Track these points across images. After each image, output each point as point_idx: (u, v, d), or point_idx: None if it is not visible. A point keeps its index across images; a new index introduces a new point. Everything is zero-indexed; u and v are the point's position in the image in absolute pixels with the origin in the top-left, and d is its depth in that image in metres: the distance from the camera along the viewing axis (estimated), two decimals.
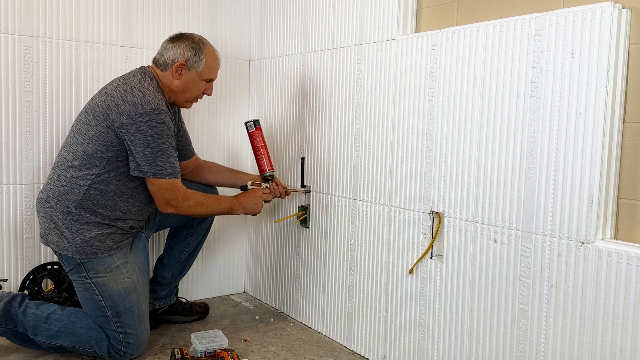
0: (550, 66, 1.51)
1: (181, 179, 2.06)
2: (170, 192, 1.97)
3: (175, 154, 1.99)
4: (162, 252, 2.43)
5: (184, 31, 2.12)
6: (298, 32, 2.45)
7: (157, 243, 2.58)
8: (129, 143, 1.90)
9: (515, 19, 1.59)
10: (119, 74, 2.40)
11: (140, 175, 1.94)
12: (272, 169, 2.32)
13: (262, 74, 2.70)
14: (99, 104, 1.95)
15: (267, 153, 2.32)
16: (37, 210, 2.03)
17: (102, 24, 2.38)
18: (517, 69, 1.59)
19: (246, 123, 2.32)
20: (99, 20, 2.37)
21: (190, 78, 2.05)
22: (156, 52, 2.10)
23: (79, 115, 2.03)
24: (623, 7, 1.43)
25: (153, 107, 1.90)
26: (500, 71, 1.63)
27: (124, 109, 1.89)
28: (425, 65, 1.85)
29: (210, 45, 2.09)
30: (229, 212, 2.15)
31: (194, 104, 2.17)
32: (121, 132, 1.90)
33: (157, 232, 2.52)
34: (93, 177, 1.93)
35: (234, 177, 2.38)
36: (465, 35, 1.72)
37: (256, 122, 2.31)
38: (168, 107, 2.02)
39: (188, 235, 2.37)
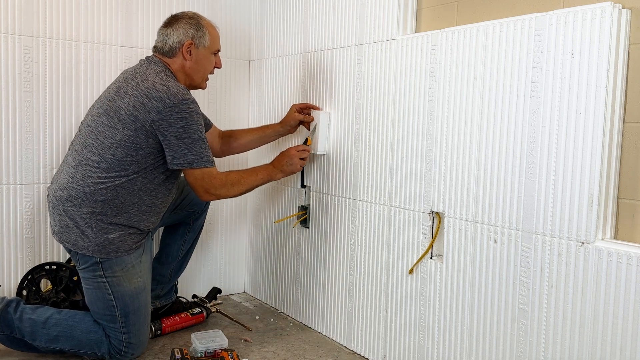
0: (550, 66, 1.51)
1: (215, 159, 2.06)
2: (207, 180, 1.96)
3: (207, 143, 1.97)
4: (157, 251, 2.43)
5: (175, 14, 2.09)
6: (298, 32, 2.45)
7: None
8: (162, 138, 1.90)
9: (515, 19, 1.59)
10: (119, 74, 2.41)
11: (178, 167, 1.93)
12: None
13: (262, 74, 2.70)
14: (123, 107, 1.90)
15: None
16: (54, 207, 1.96)
17: (102, 24, 2.38)
18: (517, 69, 1.59)
19: None
20: (99, 20, 2.37)
21: (201, 55, 2.05)
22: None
23: (99, 116, 1.94)
24: (623, 7, 1.43)
25: (180, 98, 1.89)
26: (500, 71, 1.63)
27: (152, 106, 1.87)
28: (425, 65, 1.85)
29: (205, 17, 2.09)
30: (269, 180, 2.16)
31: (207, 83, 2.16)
32: (153, 129, 1.88)
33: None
34: (122, 178, 1.92)
35: (262, 135, 2.40)
36: (465, 35, 1.72)
37: None
38: None
39: (185, 232, 2.37)
